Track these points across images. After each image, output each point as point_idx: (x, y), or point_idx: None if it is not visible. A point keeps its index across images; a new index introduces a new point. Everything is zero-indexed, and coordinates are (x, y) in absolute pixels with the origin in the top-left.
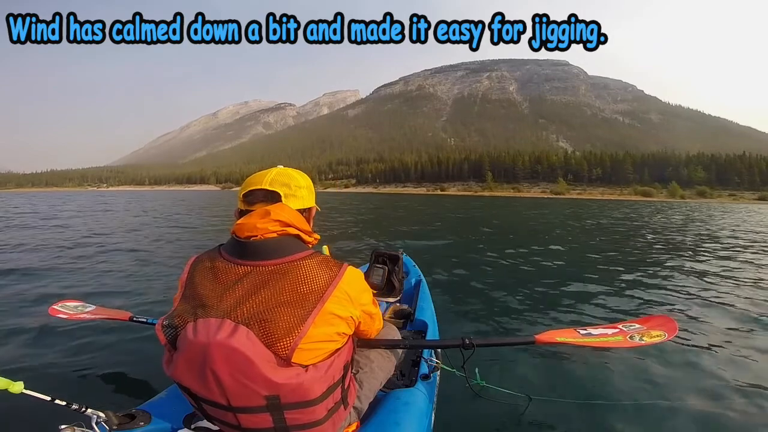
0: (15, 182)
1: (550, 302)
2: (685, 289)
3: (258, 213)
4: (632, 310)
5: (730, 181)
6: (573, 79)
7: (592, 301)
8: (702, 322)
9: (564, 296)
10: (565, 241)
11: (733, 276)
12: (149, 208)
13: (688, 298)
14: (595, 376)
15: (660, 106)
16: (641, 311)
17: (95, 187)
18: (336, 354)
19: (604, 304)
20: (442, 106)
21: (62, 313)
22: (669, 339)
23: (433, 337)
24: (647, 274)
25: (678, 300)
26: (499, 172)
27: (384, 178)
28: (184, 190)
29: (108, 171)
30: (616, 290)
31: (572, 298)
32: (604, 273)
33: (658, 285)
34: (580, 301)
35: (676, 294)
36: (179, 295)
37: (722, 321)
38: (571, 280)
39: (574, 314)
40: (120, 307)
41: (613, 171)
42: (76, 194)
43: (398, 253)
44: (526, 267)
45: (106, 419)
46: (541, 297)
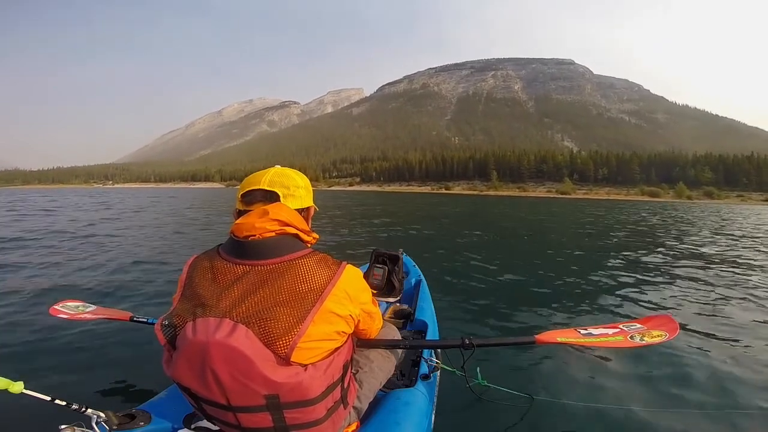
0: (22, 179)
1: (551, 302)
2: (686, 289)
3: (256, 212)
4: (633, 310)
5: (738, 182)
6: (578, 78)
7: (592, 301)
8: (703, 322)
9: (565, 296)
10: (566, 241)
11: (736, 277)
12: (160, 206)
13: (689, 299)
14: (596, 376)
15: (667, 106)
16: (642, 311)
17: (101, 184)
18: (335, 353)
19: (605, 304)
20: (447, 105)
21: (63, 313)
22: (670, 339)
23: (433, 337)
24: (649, 275)
25: (679, 300)
26: (504, 171)
27: (388, 177)
28: (189, 187)
29: (114, 168)
30: (617, 290)
31: (573, 298)
32: (606, 273)
33: (659, 285)
34: (581, 301)
35: (677, 294)
36: (178, 295)
37: (724, 321)
38: (572, 280)
39: (575, 314)
40: (120, 306)
41: (619, 171)
42: (82, 191)
43: (398, 252)
44: (527, 267)
45: (106, 419)
46: (541, 297)
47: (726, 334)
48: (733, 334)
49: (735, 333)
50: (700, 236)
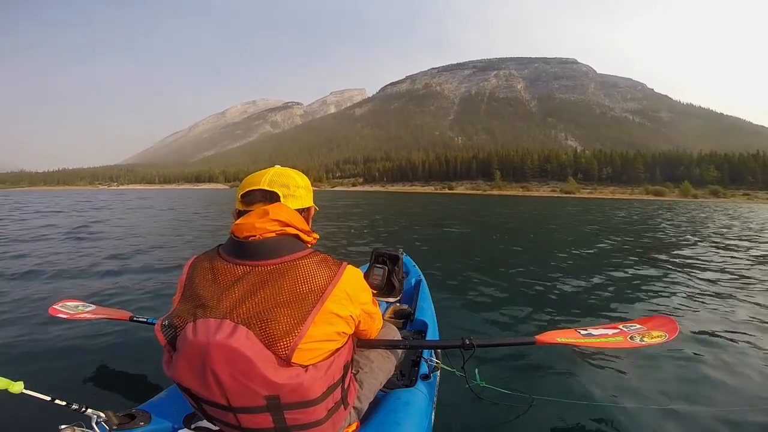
0: (28, 181)
1: (552, 302)
2: (687, 290)
3: (256, 213)
4: (634, 310)
5: (743, 181)
6: (581, 77)
7: (593, 302)
8: (704, 323)
9: (565, 296)
10: (568, 240)
11: (739, 279)
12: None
13: (691, 299)
14: (596, 376)
15: (670, 105)
16: (643, 311)
17: (106, 185)
18: (336, 354)
19: (605, 305)
20: (449, 105)
21: (62, 312)
22: (670, 340)
23: (433, 337)
24: (651, 275)
25: (680, 301)
26: (507, 170)
27: (392, 177)
28: (193, 188)
29: (118, 170)
30: (618, 291)
31: (574, 299)
32: (608, 274)
33: (660, 286)
34: (582, 301)
35: (678, 295)
36: (178, 296)
37: (725, 322)
38: (574, 280)
39: (576, 314)
40: (120, 306)
41: (623, 170)
42: (87, 193)
43: (398, 252)
44: (528, 267)
45: (106, 419)
46: (542, 297)
47: (727, 335)
48: (737, 336)
49: (738, 334)
50: (705, 235)
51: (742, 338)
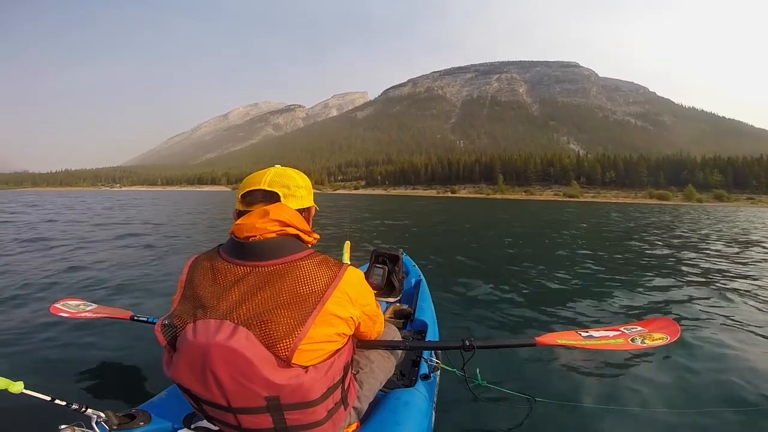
0: (31, 182)
1: (552, 304)
2: (689, 292)
3: (257, 213)
4: (635, 312)
5: (747, 185)
6: (583, 80)
7: (594, 303)
8: (705, 325)
9: (566, 298)
10: (569, 243)
11: (743, 282)
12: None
13: (692, 301)
14: (596, 378)
15: (673, 108)
16: (644, 314)
17: (108, 187)
18: (336, 354)
19: (606, 306)
20: (451, 108)
21: (63, 311)
22: (671, 342)
23: (433, 337)
24: (653, 277)
25: (681, 302)
26: (510, 174)
27: (393, 180)
28: (196, 190)
29: (121, 171)
30: (618, 292)
31: (574, 300)
32: (608, 275)
33: (661, 288)
34: (583, 302)
35: (679, 297)
36: (178, 296)
37: (727, 325)
38: (574, 282)
39: (576, 316)
40: (121, 305)
41: (627, 174)
42: (90, 193)
43: (398, 252)
44: (528, 268)
45: (106, 419)
46: (542, 299)
47: (730, 337)
48: (737, 337)
49: (739, 335)
50: (704, 238)
51: (744, 341)
